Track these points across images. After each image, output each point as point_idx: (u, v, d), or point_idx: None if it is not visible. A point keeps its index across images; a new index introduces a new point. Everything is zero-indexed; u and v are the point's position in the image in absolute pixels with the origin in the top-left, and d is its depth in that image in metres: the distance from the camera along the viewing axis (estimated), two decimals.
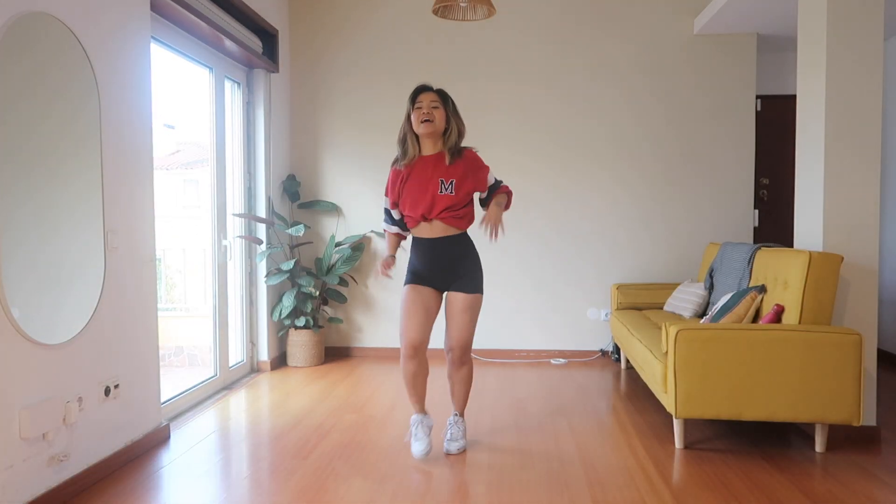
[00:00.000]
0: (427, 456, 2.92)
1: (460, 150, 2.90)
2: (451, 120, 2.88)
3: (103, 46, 2.79)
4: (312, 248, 5.15)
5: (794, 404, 2.89)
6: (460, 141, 2.91)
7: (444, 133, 2.89)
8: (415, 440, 2.93)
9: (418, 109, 2.84)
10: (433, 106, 2.84)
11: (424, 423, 2.96)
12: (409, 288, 2.96)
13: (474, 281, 2.95)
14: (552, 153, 5.02)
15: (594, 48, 4.98)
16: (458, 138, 2.90)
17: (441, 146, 2.90)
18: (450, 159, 2.86)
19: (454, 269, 2.93)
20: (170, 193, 10.00)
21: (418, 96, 2.87)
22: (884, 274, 5.05)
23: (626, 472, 2.78)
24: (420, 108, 2.84)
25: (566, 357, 5.03)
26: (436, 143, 2.90)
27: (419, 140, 2.90)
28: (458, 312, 2.92)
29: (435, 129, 2.84)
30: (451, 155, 2.86)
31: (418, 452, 2.89)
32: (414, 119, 2.86)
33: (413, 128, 2.87)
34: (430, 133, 2.85)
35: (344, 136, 5.14)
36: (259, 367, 4.70)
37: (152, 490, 2.63)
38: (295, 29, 5.12)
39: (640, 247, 5.02)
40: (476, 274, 2.96)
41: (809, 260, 2.97)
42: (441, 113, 2.85)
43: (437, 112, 2.84)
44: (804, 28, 3.30)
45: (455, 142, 2.88)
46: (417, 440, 2.91)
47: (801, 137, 3.34)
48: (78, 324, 2.61)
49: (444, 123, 2.87)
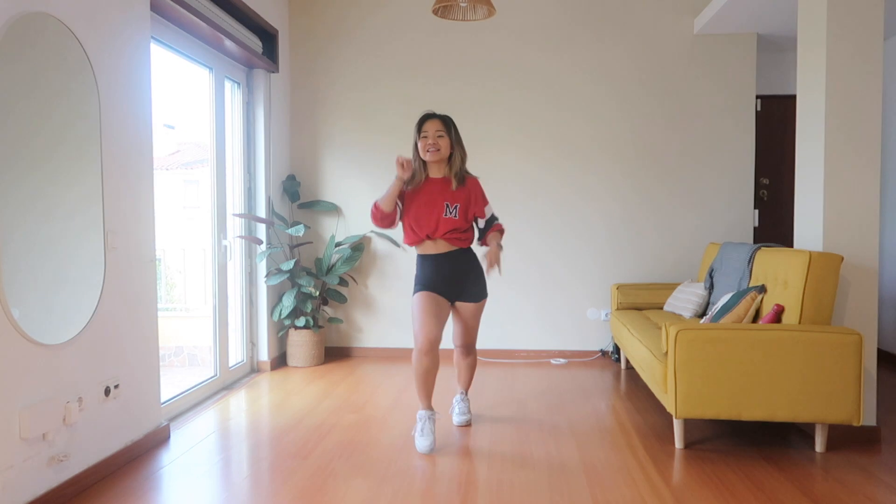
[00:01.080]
0: (431, 451, 2.98)
1: (464, 176, 3.15)
2: (454, 147, 3.11)
3: (103, 46, 2.78)
4: (312, 248, 5.15)
5: (794, 404, 2.89)
6: (464, 166, 3.16)
7: (448, 158, 3.13)
8: (421, 436, 3.01)
9: (424, 139, 3.08)
10: (438, 135, 3.07)
11: (432, 419, 3.06)
12: (421, 293, 3.12)
13: (480, 289, 3.25)
14: (551, 153, 5.02)
15: (594, 48, 4.98)
16: (462, 163, 3.15)
17: (446, 171, 3.14)
18: (455, 184, 3.11)
19: (461, 282, 3.18)
20: (170, 193, 10.00)
21: (424, 125, 3.09)
22: (884, 274, 5.05)
23: (626, 472, 2.78)
24: (426, 137, 3.07)
25: (566, 357, 5.03)
26: (441, 167, 3.15)
27: (426, 164, 3.15)
28: (469, 318, 3.27)
29: (441, 157, 3.10)
30: (456, 181, 3.11)
31: (424, 448, 2.98)
32: (420, 148, 3.10)
33: (420, 155, 3.11)
34: (437, 161, 3.11)
35: (344, 136, 5.14)
36: (259, 367, 4.70)
37: (152, 490, 2.63)
38: (295, 29, 5.12)
39: (640, 247, 5.02)
40: (481, 282, 3.25)
41: (809, 260, 2.97)
42: (446, 141, 3.09)
43: (442, 141, 3.08)
44: (804, 28, 3.30)
45: (459, 167, 3.13)
46: (423, 436, 3.01)
47: (801, 137, 3.34)
48: (78, 324, 2.61)
49: (448, 150, 3.11)
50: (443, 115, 3.14)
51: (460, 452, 3.03)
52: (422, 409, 3.10)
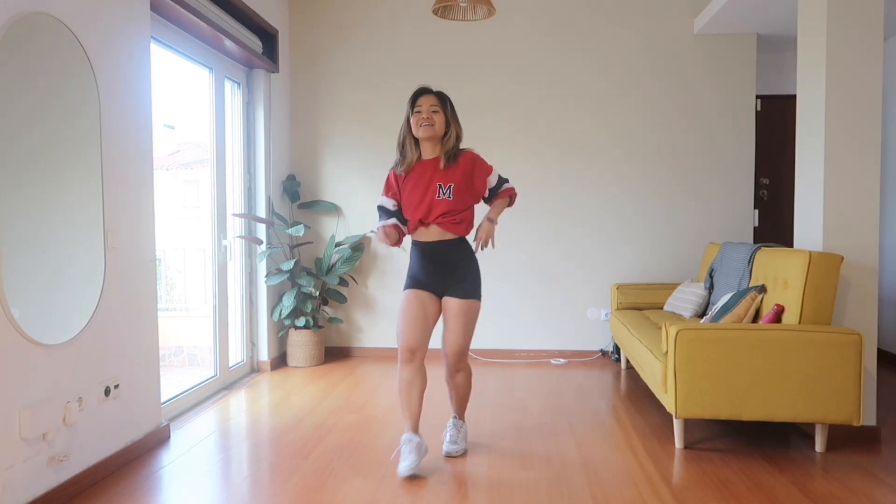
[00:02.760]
0: (412, 473, 2.69)
1: (457, 153, 2.87)
2: (450, 124, 2.86)
3: (103, 46, 2.78)
4: (312, 248, 5.15)
5: (794, 404, 2.89)
6: (458, 145, 2.88)
7: (443, 137, 2.87)
8: (402, 457, 2.74)
9: (418, 113, 2.82)
10: (433, 110, 2.81)
11: (414, 442, 2.76)
12: (408, 292, 2.90)
13: (470, 287, 2.89)
14: (551, 153, 5.02)
15: (594, 48, 4.98)
16: (456, 142, 2.87)
17: (440, 150, 2.87)
18: (444, 163, 2.83)
19: (450, 274, 2.88)
20: (170, 193, 10.01)
21: (418, 99, 2.84)
22: (884, 274, 5.05)
23: (626, 472, 2.78)
24: (420, 112, 2.81)
25: (566, 357, 5.03)
26: (435, 146, 2.87)
27: (418, 144, 2.88)
28: (452, 318, 2.88)
29: (434, 133, 2.82)
30: (446, 159, 2.84)
31: (403, 470, 2.69)
32: (413, 123, 2.83)
33: (413, 131, 2.85)
34: (430, 137, 2.83)
35: (344, 136, 5.14)
36: (259, 367, 4.70)
37: (152, 490, 2.63)
38: (294, 29, 5.12)
39: (641, 247, 5.02)
40: (472, 280, 2.90)
41: (809, 260, 2.97)
42: (441, 117, 2.83)
43: (436, 116, 2.81)
44: (804, 28, 3.30)
45: (453, 145, 2.86)
46: (403, 458, 2.73)
47: (801, 137, 3.34)
48: (78, 324, 2.61)
49: (443, 127, 2.84)
50: (438, 90, 2.89)
51: (460, 456, 3.02)
52: (406, 430, 2.82)
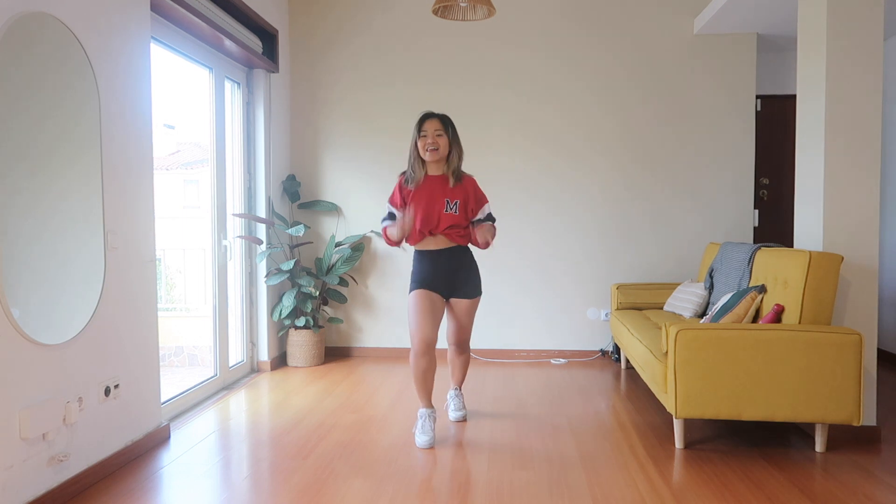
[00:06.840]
0: (430, 447, 3.07)
1: (461, 174, 3.21)
2: (452, 145, 3.19)
3: (103, 46, 2.79)
4: (312, 248, 5.15)
5: (794, 404, 2.89)
6: (461, 164, 3.23)
7: (447, 156, 3.20)
8: (421, 432, 3.10)
9: (423, 138, 3.14)
10: (437, 134, 3.14)
11: (432, 417, 3.15)
12: (417, 292, 3.18)
13: (473, 287, 3.29)
14: (551, 154, 5.02)
15: (594, 49, 4.98)
16: (459, 161, 3.22)
17: (444, 168, 3.21)
18: (453, 182, 3.18)
19: (456, 278, 3.24)
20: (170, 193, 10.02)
21: (423, 124, 3.15)
22: (884, 274, 5.05)
23: (626, 471, 2.78)
24: (425, 136, 3.13)
25: (566, 357, 5.03)
26: (440, 165, 3.22)
27: (424, 163, 3.21)
28: (462, 315, 3.32)
29: (440, 156, 3.17)
30: (454, 178, 3.18)
31: (423, 443, 3.07)
32: (420, 147, 3.15)
33: (420, 154, 3.17)
34: (436, 160, 3.18)
35: (344, 136, 5.14)
36: (259, 367, 4.70)
37: (152, 490, 2.63)
38: (295, 29, 5.12)
39: (640, 247, 5.02)
40: (475, 280, 3.30)
41: (809, 260, 2.97)
42: (444, 140, 3.16)
43: (440, 140, 3.15)
44: (804, 28, 3.30)
45: (457, 165, 3.20)
46: (424, 433, 3.09)
47: (800, 137, 3.34)
48: (78, 324, 2.61)
49: (447, 148, 3.18)
50: (441, 114, 3.20)
51: (460, 452, 3.03)
52: (422, 407, 3.18)
